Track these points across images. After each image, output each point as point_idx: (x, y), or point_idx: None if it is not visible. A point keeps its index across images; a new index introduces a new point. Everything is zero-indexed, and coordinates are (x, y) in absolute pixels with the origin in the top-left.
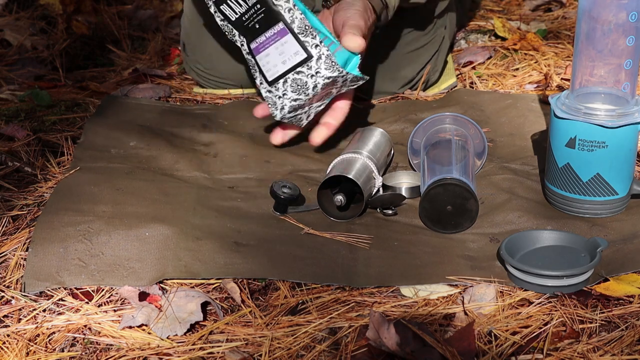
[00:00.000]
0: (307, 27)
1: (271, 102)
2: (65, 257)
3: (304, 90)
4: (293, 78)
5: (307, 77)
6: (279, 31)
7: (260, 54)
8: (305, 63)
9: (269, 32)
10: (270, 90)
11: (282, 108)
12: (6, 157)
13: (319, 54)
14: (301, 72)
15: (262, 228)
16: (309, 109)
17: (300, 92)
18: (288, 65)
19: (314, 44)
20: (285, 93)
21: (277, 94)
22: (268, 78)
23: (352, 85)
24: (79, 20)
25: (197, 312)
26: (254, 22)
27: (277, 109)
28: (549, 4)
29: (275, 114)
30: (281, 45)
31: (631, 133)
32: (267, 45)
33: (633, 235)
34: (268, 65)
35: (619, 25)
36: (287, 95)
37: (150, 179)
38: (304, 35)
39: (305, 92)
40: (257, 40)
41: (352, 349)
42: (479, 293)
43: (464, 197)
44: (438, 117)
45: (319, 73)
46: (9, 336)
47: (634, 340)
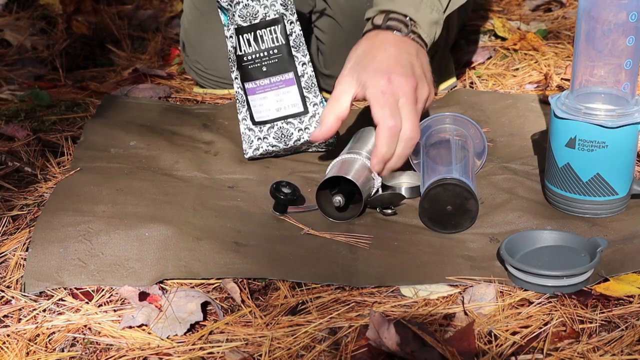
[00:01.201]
0: (313, 84)
1: (246, 139)
2: (65, 257)
3: (285, 139)
4: (280, 126)
5: (295, 130)
6: (286, 80)
7: (256, 95)
8: (299, 116)
9: (275, 78)
10: (251, 129)
11: (257, 149)
12: (6, 157)
13: (315, 112)
14: (291, 123)
15: (262, 228)
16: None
17: (281, 140)
18: (282, 113)
19: (314, 102)
20: (266, 137)
21: (258, 135)
22: (256, 119)
23: (323, 148)
24: (79, 20)
25: (197, 312)
26: (262, 65)
27: (250, 148)
28: (549, 4)
29: (247, 151)
30: (283, 93)
31: (631, 133)
32: (268, 89)
33: (633, 235)
34: (260, 107)
35: (619, 25)
36: (268, 140)
37: (150, 179)
38: (308, 91)
39: (286, 142)
40: (257, 82)
41: (352, 349)
42: (479, 293)
43: (464, 197)
44: (438, 117)
45: (307, 129)
46: (9, 336)
47: (634, 340)
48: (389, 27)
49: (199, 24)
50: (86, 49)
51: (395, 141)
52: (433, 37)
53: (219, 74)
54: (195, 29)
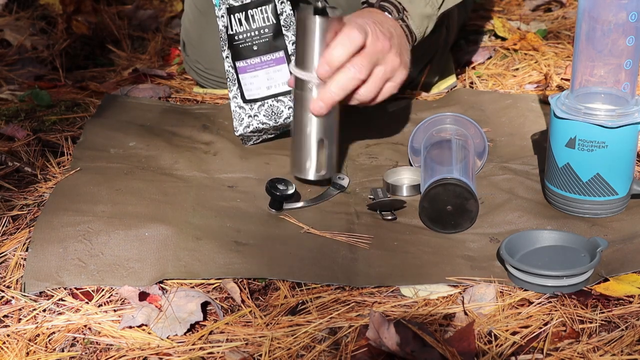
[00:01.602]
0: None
1: (237, 117)
2: (65, 257)
3: (275, 117)
4: (271, 104)
5: (285, 107)
6: (277, 58)
7: (247, 73)
8: (289, 94)
9: (266, 57)
10: (242, 107)
11: (248, 126)
12: (6, 157)
13: None
14: (281, 101)
15: (262, 227)
16: (264, 133)
17: (271, 117)
18: (272, 91)
19: None
20: (257, 115)
21: (249, 113)
22: (246, 96)
23: None
24: (79, 20)
25: (197, 312)
26: (253, 43)
27: (241, 125)
28: (549, 4)
29: (237, 128)
30: (274, 71)
31: (631, 133)
32: (259, 68)
33: (633, 235)
34: (251, 85)
35: (619, 25)
36: (258, 117)
37: (150, 179)
38: None
39: (276, 120)
40: (247, 61)
41: (352, 349)
42: (479, 293)
43: (464, 197)
44: (438, 117)
45: None
46: (9, 336)
47: (634, 340)
48: (381, 6)
49: (199, 24)
50: (86, 49)
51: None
52: (423, 31)
53: (220, 74)
54: (195, 28)
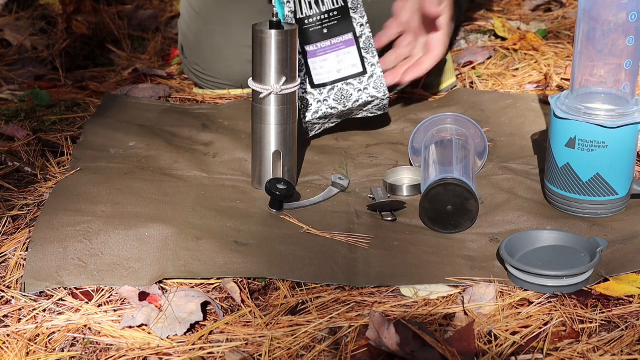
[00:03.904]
0: (371, 45)
1: (304, 103)
2: (65, 257)
3: (344, 101)
4: (341, 87)
5: (354, 90)
6: (346, 41)
7: (317, 57)
8: (359, 77)
9: (336, 39)
10: (309, 92)
11: (317, 112)
12: (6, 157)
13: (373, 72)
14: (350, 84)
15: (262, 227)
16: (328, 120)
17: (340, 102)
18: (342, 74)
19: (372, 62)
20: (326, 99)
21: (318, 98)
22: (315, 81)
23: (375, 112)
24: (79, 20)
25: (197, 312)
26: (322, 27)
27: (309, 111)
28: (549, 4)
29: (305, 115)
30: (344, 54)
31: (631, 133)
32: (329, 51)
33: (633, 235)
34: (320, 69)
35: (619, 25)
36: (328, 102)
37: (150, 179)
38: (366, 52)
39: (345, 104)
40: (318, 44)
41: (352, 349)
42: (479, 293)
43: (464, 197)
44: (439, 117)
45: (366, 90)
46: (9, 336)
47: (634, 340)
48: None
49: (196, 25)
50: (86, 49)
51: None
52: None
53: (218, 75)
54: (192, 30)
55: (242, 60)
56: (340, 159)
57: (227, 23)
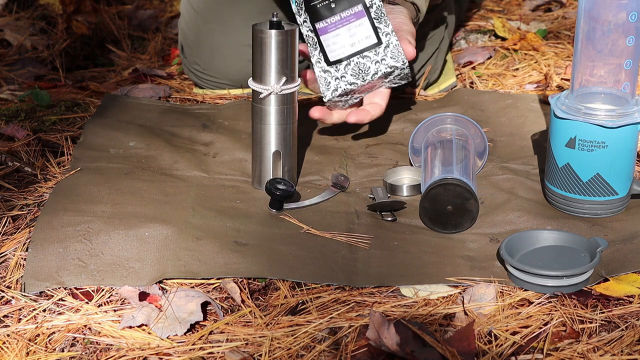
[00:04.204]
0: (382, 14)
1: (324, 82)
2: (65, 257)
3: (363, 75)
4: (357, 61)
5: (372, 63)
6: (356, 13)
7: (328, 34)
8: (374, 48)
9: (345, 12)
10: (327, 70)
11: (336, 89)
12: (6, 157)
13: (388, 42)
14: (367, 57)
15: (262, 227)
16: (351, 97)
17: (359, 76)
18: (356, 48)
19: (386, 32)
20: (344, 75)
21: (335, 75)
22: (330, 58)
23: (398, 82)
24: (79, 20)
25: (197, 312)
26: (330, 2)
27: (329, 90)
28: (549, 4)
29: (325, 94)
30: (355, 27)
31: (631, 133)
32: (340, 25)
33: (633, 235)
34: (334, 45)
35: (619, 25)
36: (345, 78)
37: (150, 179)
38: (379, 22)
39: (364, 78)
40: (328, 20)
41: (352, 349)
42: (479, 293)
43: (464, 197)
44: (439, 117)
45: (384, 60)
46: (9, 336)
47: (634, 340)
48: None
49: (196, 24)
50: (86, 49)
51: None
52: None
53: (218, 75)
54: (192, 29)
55: (242, 59)
56: (340, 159)
57: (227, 22)
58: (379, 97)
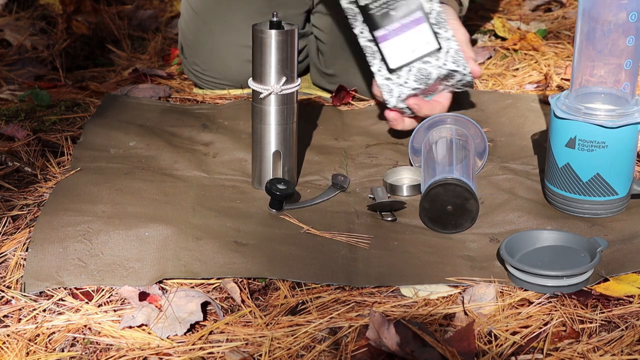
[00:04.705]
0: (441, 20)
1: (387, 89)
2: (65, 257)
3: (425, 80)
4: (419, 67)
5: (433, 68)
6: (416, 19)
7: (389, 41)
8: (435, 54)
9: (405, 20)
10: (389, 78)
11: (400, 96)
12: (6, 157)
13: (449, 47)
14: (428, 62)
15: (262, 227)
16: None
17: (421, 81)
18: (417, 54)
19: (446, 37)
20: (407, 81)
21: (398, 82)
22: (391, 65)
23: (461, 88)
24: (79, 20)
25: (197, 312)
26: (389, 9)
27: (392, 96)
28: (549, 4)
29: (389, 101)
30: (415, 33)
31: (631, 133)
32: (400, 32)
33: (633, 235)
34: (394, 52)
35: (619, 25)
36: (408, 84)
37: (150, 179)
38: (438, 27)
39: (426, 82)
40: (387, 28)
41: (352, 349)
42: (479, 293)
43: (464, 198)
44: (439, 118)
45: (445, 65)
46: (9, 336)
47: (634, 340)
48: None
49: (195, 25)
50: (86, 49)
51: None
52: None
53: (217, 75)
54: (192, 29)
55: (242, 60)
56: (340, 159)
57: (226, 23)
58: (443, 97)
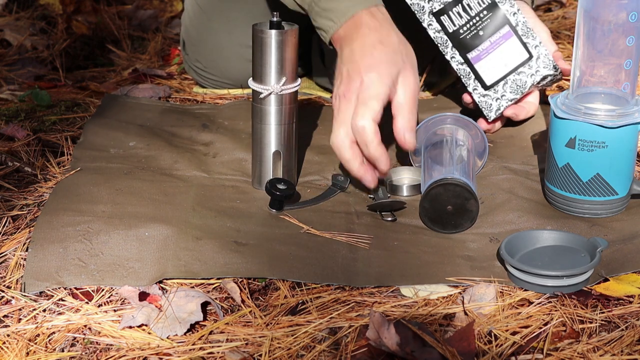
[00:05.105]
0: (528, 29)
1: (485, 105)
2: (65, 257)
3: (521, 89)
4: (514, 79)
5: (527, 77)
6: (504, 34)
7: (482, 61)
8: (527, 63)
9: (494, 37)
10: (486, 95)
11: (499, 109)
12: (6, 157)
13: (539, 54)
14: (522, 72)
15: (262, 227)
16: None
17: (517, 91)
18: (510, 67)
19: (534, 44)
20: (504, 94)
21: (495, 96)
22: (487, 83)
23: (549, 85)
24: (79, 20)
25: (197, 312)
26: (477, 30)
27: (492, 112)
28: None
29: (489, 115)
30: (505, 48)
31: (631, 133)
32: (491, 50)
33: (633, 235)
34: (488, 70)
35: (619, 25)
36: (506, 96)
37: (150, 179)
38: (526, 37)
39: (522, 91)
40: (479, 48)
41: (352, 349)
42: (479, 293)
43: (464, 198)
44: (439, 118)
45: (538, 72)
46: (9, 336)
47: (634, 340)
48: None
49: (200, 22)
50: (86, 49)
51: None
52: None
53: (219, 74)
54: (196, 26)
55: (244, 59)
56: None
57: (231, 22)
58: (533, 96)
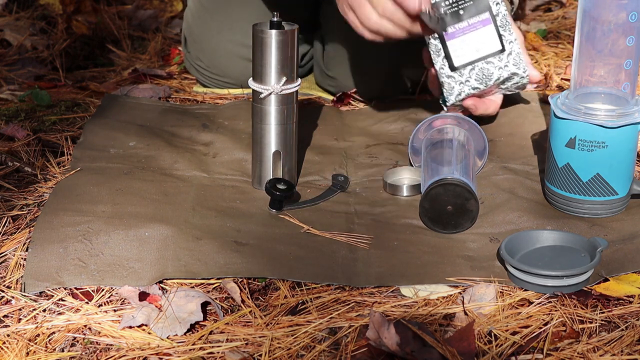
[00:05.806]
0: (507, 22)
1: (447, 87)
2: (65, 257)
3: (486, 80)
4: (481, 67)
5: (495, 69)
6: (483, 20)
7: (455, 39)
8: (498, 55)
9: (473, 19)
10: (451, 76)
11: (459, 94)
12: (6, 157)
13: (511, 49)
14: (491, 63)
15: (262, 227)
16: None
17: (482, 81)
18: (481, 53)
19: (509, 40)
20: (468, 80)
21: (460, 80)
22: (455, 63)
23: (513, 90)
24: (79, 20)
25: (197, 312)
26: (459, 8)
27: (452, 95)
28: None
29: (449, 99)
30: (481, 33)
31: (631, 133)
32: (467, 31)
33: (633, 235)
34: (460, 51)
35: (619, 25)
36: (470, 83)
37: (150, 179)
38: (503, 29)
39: (486, 83)
40: (455, 26)
41: (352, 349)
42: (479, 293)
43: (464, 198)
44: (439, 118)
45: (506, 67)
46: (9, 336)
47: (634, 340)
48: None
49: (202, 20)
50: (86, 49)
51: None
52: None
53: (220, 72)
54: (198, 24)
55: (247, 59)
56: (340, 159)
57: (235, 21)
58: (496, 95)
